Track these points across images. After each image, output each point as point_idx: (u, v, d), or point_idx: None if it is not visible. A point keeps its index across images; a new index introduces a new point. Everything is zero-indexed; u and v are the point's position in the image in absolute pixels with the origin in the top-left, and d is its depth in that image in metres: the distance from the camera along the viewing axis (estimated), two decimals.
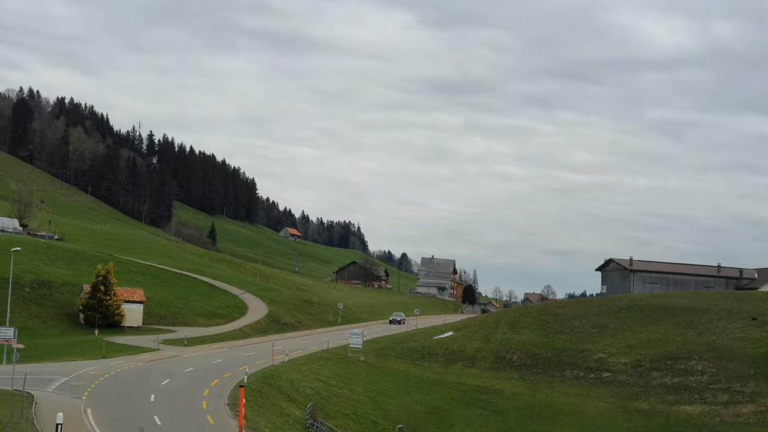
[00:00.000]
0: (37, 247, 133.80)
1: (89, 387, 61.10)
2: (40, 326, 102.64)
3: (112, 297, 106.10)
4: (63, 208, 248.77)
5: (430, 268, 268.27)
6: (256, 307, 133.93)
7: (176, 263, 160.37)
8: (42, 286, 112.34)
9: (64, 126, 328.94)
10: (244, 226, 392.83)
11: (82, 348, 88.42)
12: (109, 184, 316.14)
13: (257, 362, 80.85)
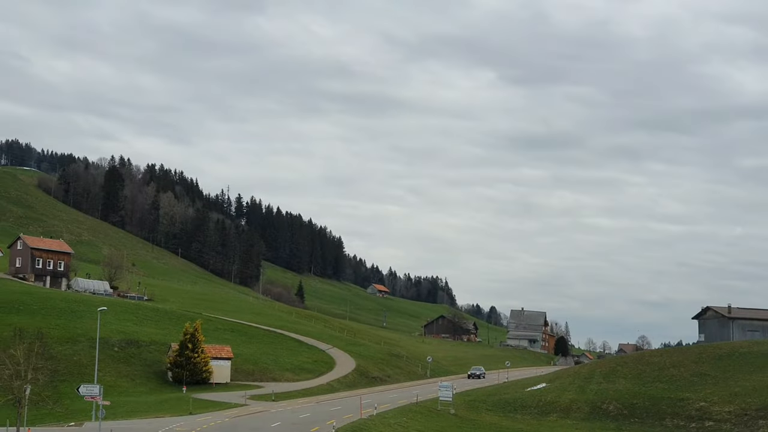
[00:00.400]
0: (126, 308, 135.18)
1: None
2: (129, 384, 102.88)
3: (200, 354, 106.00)
4: (154, 270, 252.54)
5: (521, 321, 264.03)
6: (344, 361, 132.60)
7: (264, 320, 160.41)
8: (131, 346, 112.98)
9: (154, 191, 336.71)
10: (331, 284, 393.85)
11: (169, 405, 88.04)
12: (199, 246, 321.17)
13: (345, 416, 79.17)
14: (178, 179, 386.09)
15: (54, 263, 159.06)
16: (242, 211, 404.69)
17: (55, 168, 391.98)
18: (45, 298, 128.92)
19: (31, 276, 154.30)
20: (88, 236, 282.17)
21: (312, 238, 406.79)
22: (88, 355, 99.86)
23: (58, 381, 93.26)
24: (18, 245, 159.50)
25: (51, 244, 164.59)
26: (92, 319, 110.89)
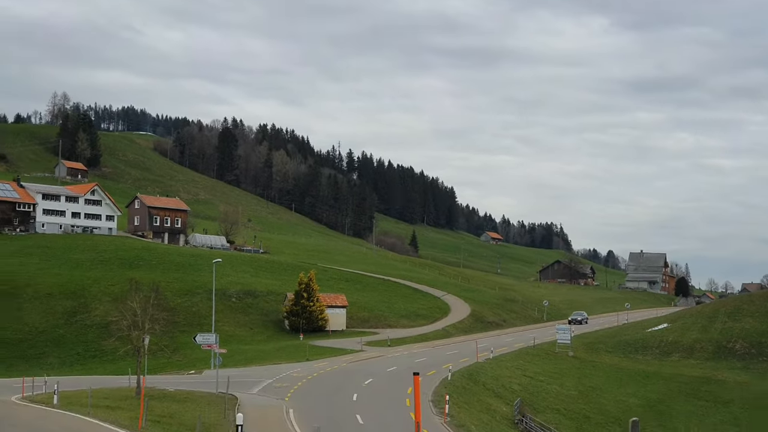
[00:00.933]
0: (242, 261, 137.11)
1: (292, 388, 60.46)
2: (247, 333, 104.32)
3: (316, 303, 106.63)
4: (269, 225, 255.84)
5: (640, 263, 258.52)
6: (459, 307, 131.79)
7: (378, 269, 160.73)
8: (248, 296, 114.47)
9: (267, 150, 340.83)
10: (444, 233, 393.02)
11: (287, 352, 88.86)
12: (312, 201, 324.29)
13: (461, 360, 78.54)
14: (290, 137, 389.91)
15: (171, 220, 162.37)
16: (353, 166, 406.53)
17: (170, 132, 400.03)
18: (163, 254, 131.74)
19: (150, 233, 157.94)
20: (205, 195, 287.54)
21: (424, 189, 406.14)
22: (206, 306, 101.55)
23: (177, 332, 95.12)
24: (135, 204, 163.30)
25: (167, 202, 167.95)
26: (209, 272, 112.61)
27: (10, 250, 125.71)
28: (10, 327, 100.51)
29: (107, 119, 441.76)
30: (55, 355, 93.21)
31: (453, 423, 50.42)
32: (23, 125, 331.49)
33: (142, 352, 52.24)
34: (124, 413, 42.10)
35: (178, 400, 51.73)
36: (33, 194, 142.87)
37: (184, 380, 68.50)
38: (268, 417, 47.68)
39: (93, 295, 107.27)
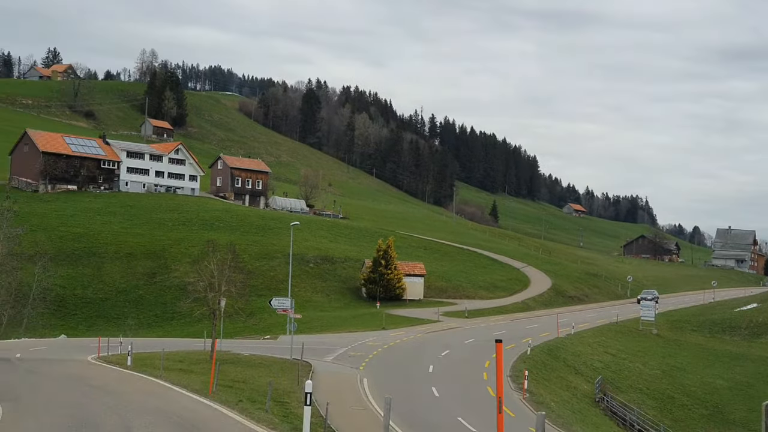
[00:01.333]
0: (321, 225, 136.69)
1: (367, 357, 59.40)
2: (324, 300, 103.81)
3: (393, 271, 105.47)
4: (349, 190, 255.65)
5: (727, 240, 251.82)
6: (539, 280, 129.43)
7: (457, 238, 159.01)
8: (325, 262, 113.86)
9: (349, 113, 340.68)
10: (525, 203, 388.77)
11: (363, 320, 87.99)
12: (393, 167, 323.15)
13: (541, 334, 76.64)
14: (373, 100, 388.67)
15: (252, 182, 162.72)
16: (436, 132, 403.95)
17: (255, 92, 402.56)
18: (243, 216, 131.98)
19: (231, 194, 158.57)
20: (287, 157, 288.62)
21: (506, 157, 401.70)
22: (284, 270, 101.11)
23: (255, 296, 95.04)
24: (218, 165, 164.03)
25: (249, 163, 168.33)
26: (288, 235, 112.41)
27: (95, 207, 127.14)
28: (91, 286, 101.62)
29: (194, 78, 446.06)
30: (134, 316, 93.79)
31: (532, 400, 48.80)
32: (112, 82, 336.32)
33: (217, 314, 51.62)
34: (196, 377, 41.39)
35: (251, 365, 51.04)
36: (118, 152, 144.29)
37: (259, 345, 68.03)
38: (342, 386, 46.65)
39: (173, 256, 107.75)
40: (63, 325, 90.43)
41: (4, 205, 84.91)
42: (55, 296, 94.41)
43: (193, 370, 45.61)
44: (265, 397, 36.81)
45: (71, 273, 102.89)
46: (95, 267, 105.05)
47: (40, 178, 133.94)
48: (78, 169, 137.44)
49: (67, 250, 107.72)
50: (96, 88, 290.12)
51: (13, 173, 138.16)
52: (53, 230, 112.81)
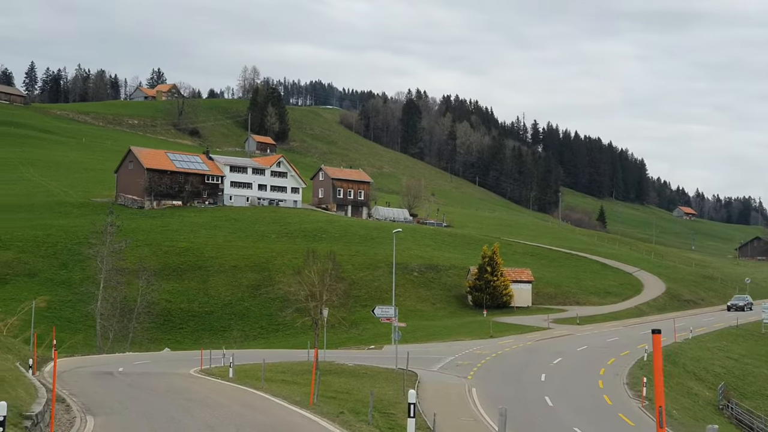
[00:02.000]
0: (425, 234, 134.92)
1: (475, 366, 57.18)
2: (429, 308, 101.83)
3: (500, 277, 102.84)
4: (452, 199, 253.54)
5: None
6: (652, 284, 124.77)
7: (564, 244, 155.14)
8: (430, 270, 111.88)
9: (450, 122, 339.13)
10: (634, 208, 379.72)
11: (469, 328, 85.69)
12: (496, 174, 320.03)
13: None
14: (473, 109, 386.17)
15: (354, 192, 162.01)
16: (539, 138, 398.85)
17: (355, 105, 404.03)
18: (346, 226, 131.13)
19: (333, 205, 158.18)
20: (389, 168, 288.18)
21: (612, 161, 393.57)
22: (388, 280, 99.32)
23: (359, 306, 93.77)
24: (320, 176, 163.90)
25: (350, 174, 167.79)
26: (390, 245, 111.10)
27: (199, 222, 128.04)
28: (197, 299, 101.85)
29: (295, 94, 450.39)
30: (239, 328, 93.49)
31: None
32: (215, 100, 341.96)
33: (320, 324, 50.17)
34: (298, 388, 39.90)
35: (356, 375, 49.43)
36: (221, 166, 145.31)
37: (364, 355, 66.42)
38: (450, 396, 44.64)
39: (277, 267, 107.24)
40: (170, 339, 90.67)
41: (107, 221, 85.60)
42: (161, 310, 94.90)
43: (295, 381, 44.19)
44: (369, 409, 35.06)
45: (177, 287, 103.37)
46: (201, 280, 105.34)
47: (146, 195, 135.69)
48: (182, 184, 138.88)
49: (172, 265, 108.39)
50: (200, 106, 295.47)
51: (120, 191, 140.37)
52: (159, 245, 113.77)
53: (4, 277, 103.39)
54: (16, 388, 29.35)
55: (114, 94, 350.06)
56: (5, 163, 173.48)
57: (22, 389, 30.29)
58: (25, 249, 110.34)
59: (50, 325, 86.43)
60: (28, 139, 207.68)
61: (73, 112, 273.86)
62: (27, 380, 33.87)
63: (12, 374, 34.11)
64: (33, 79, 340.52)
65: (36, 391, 29.94)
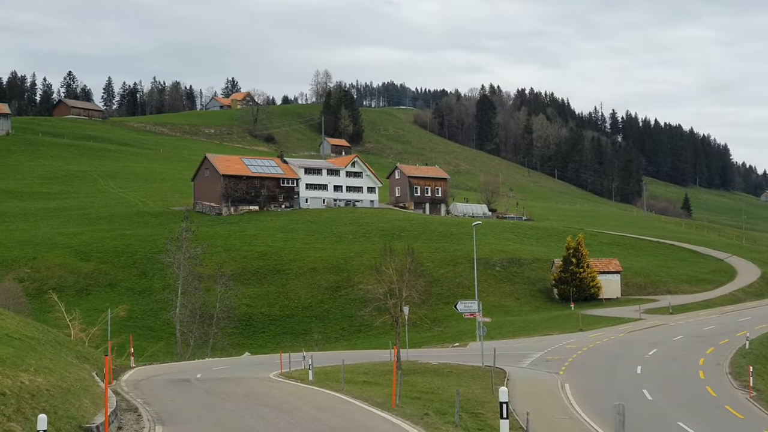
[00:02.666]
0: (505, 228, 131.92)
1: (566, 361, 54.47)
2: (514, 304, 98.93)
3: (586, 269, 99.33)
4: (531, 194, 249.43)
5: None
6: (747, 270, 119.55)
7: (651, 233, 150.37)
8: (512, 264, 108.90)
9: (526, 116, 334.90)
10: (719, 194, 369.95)
11: (557, 322, 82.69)
12: (575, 166, 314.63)
13: (757, 327, 69.39)
14: (549, 101, 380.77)
15: (431, 190, 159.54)
16: (617, 128, 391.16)
17: (429, 104, 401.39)
18: (424, 224, 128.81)
19: (410, 204, 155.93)
20: (465, 166, 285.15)
21: (694, 148, 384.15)
22: (469, 276, 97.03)
23: (441, 303, 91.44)
24: (396, 175, 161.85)
25: (427, 171, 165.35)
26: (471, 241, 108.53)
27: (276, 225, 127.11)
28: (277, 303, 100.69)
29: (368, 96, 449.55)
30: (320, 330, 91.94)
31: (761, 398, 42.73)
32: (289, 106, 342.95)
33: (400, 322, 48.02)
34: (380, 389, 37.85)
35: (440, 374, 47.20)
36: (296, 169, 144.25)
37: (448, 353, 64.12)
38: (541, 393, 42.13)
39: (356, 268, 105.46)
40: (251, 344, 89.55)
41: (182, 226, 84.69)
42: (242, 315, 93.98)
43: (377, 381, 42.14)
44: (456, 409, 32.81)
45: (257, 291, 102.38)
46: (280, 284, 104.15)
47: (222, 201, 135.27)
48: (258, 189, 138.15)
49: (251, 269, 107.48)
50: (274, 112, 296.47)
51: (197, 198, 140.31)
52: (237, 251, 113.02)
53: (86, 288, 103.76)
54: (81, 398, 27.85)
55: (190, 105, 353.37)
56: (85, 177, 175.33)
57: (89, 399, 28.78)
58: (106, 260, 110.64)
59: (128, 333, 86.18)
60: (107, 153, 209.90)
61: (149, 124, 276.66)
62: (98, 390, 32.45)
63: (81, 384, 32.69)
64: (110, 94, 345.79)
65: (109, 402, 28.45)
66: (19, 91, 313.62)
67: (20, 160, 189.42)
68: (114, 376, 48.12)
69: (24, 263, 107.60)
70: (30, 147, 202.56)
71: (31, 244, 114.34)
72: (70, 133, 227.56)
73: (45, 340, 41.23)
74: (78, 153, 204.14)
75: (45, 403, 23.01)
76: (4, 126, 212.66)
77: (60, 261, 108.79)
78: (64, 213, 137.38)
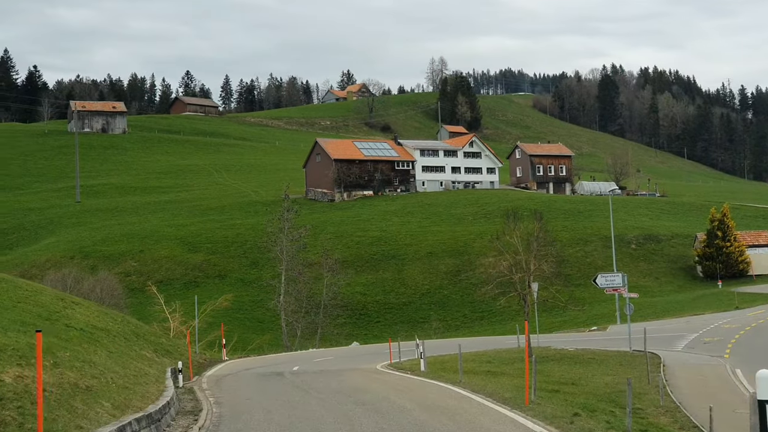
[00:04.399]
0: (638, 204, 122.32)
1: (728, 343, 45.94)
2: (653, 284, 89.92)
3: (733, 242, 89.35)
4: (659, 174, 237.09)
5: None
6: None
7: None
8: (649, 241, 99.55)
9: (650, 95, 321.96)
10: None
11: (705, 301, 73.65)
12: (704, 145, 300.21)
13: None
14: (674, 79, 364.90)
15: (555, 168, 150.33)
16: (747, 104, 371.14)
17: (548, 89, 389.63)
18: (549, 202, 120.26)
19: (533, 184, 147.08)
20: (588, 148, 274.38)
21: None
22: (602, 255, 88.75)
23: (572, 286, 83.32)
24: (516, 154, 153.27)
25: (549, 149, 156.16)
26: (601, 218, 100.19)
27: (391, 209, 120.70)
28: (393, 290, 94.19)
29: (485, 84, 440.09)
30: (439, 318, 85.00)
31: None
32: (404, 95, 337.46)
33: (529, 301, 40.49)
34: (507, 380, 30.55)
35: (580, 361, 39.44)
36: (411, 151, 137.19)
37: (585, 338, 56.06)
38: (709, 381, 34.05)
39: (477, 251, 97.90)
40: (366, 334, 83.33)
41: (283, 206, 77.50)
42: (356, 304, 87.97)
43: (503, 371, 34.80)
44: (609, 404, 25.12)
45: (371, 279, 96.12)
46: (395, 270, 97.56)
47: (335, 187, 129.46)
48: (372, 173, 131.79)
49: (365, 256, 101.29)
50: (389, 102, 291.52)
51: (309, 185, 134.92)
52: (350, 237, 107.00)
53: (194, 281, 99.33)
54: (130, 395, 21.69)
55: (306, 100, 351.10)
56: (199, 170, 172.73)
57: (138, 399, 22.57)
58: (215, 250, 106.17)
59: (239, 326, 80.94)
60: (222, 147, 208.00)
61: (265, 118, 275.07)
62: (156, 389, 26.23)
63: (137, 380, 26.57)
64: (228, 93, 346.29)
65: (154, 403, 22.17)
66: (139, 92, 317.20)
67: (136, 157, 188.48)
68: (201, 370, 42.14)
69: (131, 257, 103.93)
70: (146, 144, 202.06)
71: (138, 237, 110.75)
72: (186, 130, 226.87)
73: (119, 332, 35.76)
74: (194, 148, 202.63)
75: (56, 401, 16.97)
76: (120, 124, 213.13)
77: (167, 253, 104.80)
78: (174, 205, 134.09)
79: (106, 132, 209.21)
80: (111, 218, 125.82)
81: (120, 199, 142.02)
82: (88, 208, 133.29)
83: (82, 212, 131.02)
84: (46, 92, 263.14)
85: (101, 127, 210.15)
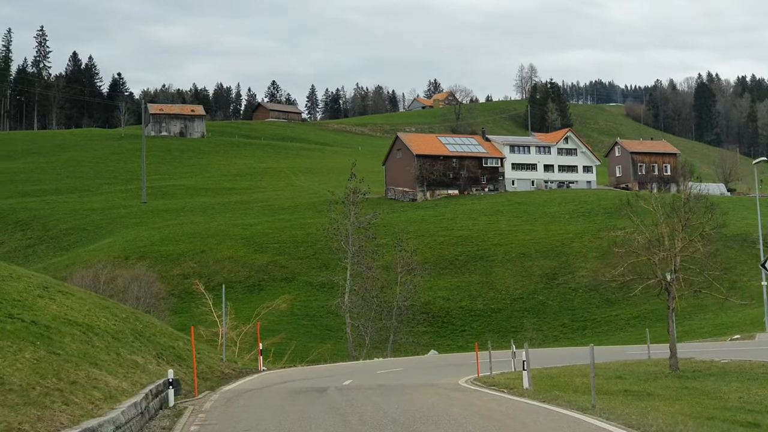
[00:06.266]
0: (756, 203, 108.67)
1: None
2: None
3: None
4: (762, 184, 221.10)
5: None
6: None
7: None
8: None
9: (749, 103, 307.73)
10: None
11: None
12: None
13: None
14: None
15: (659, 167, 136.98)
16: None
17: (640, 100, 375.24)
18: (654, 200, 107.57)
19: (635, 184, 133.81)
20: (684, 157, 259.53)
21: None
22: (726, 255, 76.09)
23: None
24: (615, 151, 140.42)
25: (653, 146, 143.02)
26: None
27: (478, 208, 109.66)
28: (480, 295, 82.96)
29: (575, 95, 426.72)
30: (535, 327, 73.54)
31: None
32: (492, 103, 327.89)
33: (672, 292, 29.01)
34: (661, 405, 19.44)
35: (754, 378, 27.58)
36: (499, 147, 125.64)
37: (726, 348, 43.99)
38: None
39: (576, 251, 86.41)
40: (450, 344, 72.49)
41: (349, 186, 65.70)
42: (438, 310, 77.18)
43: (648, 391, 23.46)
44: None
45: (456, 282, 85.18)
46: (483, 273, 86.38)
47: (417, 185, 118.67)
48: (457, 170, 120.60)
49: (449, 257, 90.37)
50: (477, 109, 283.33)
51: (389, 184, 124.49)
52: (432, 236, 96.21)
53: (258, 284, 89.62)
54: None
55: (392, 109, 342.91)
56: (276, 173, 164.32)
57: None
58: (282, 251, 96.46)
59: (306, 334, 70.71)
60: (302, 151, 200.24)
61: (349, 125, 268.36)
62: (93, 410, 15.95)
63: (58, 397, 16.25)
64: (314, 102, 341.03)
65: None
66: (224, 101, 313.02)
67: (212, 160, 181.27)
68: (222, 383, 31.63)
69: (191, 257, 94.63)
70: (224, 147, 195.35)
71: (201, 237, 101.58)
72: (267, 135, 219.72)
73: (109, 330, 26.47)
74: (273, 152, 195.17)
75: None
76: (199, 128, 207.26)
77: (231, 253, 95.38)
78: (244, 206, 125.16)
79: (184, 136, 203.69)
80: (175, 218, 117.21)
81: (188, 200, 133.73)
82: (153, 209, 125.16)
83: (146, 212, 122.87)
84: (130, 100, 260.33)
85: (179, 130, 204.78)
